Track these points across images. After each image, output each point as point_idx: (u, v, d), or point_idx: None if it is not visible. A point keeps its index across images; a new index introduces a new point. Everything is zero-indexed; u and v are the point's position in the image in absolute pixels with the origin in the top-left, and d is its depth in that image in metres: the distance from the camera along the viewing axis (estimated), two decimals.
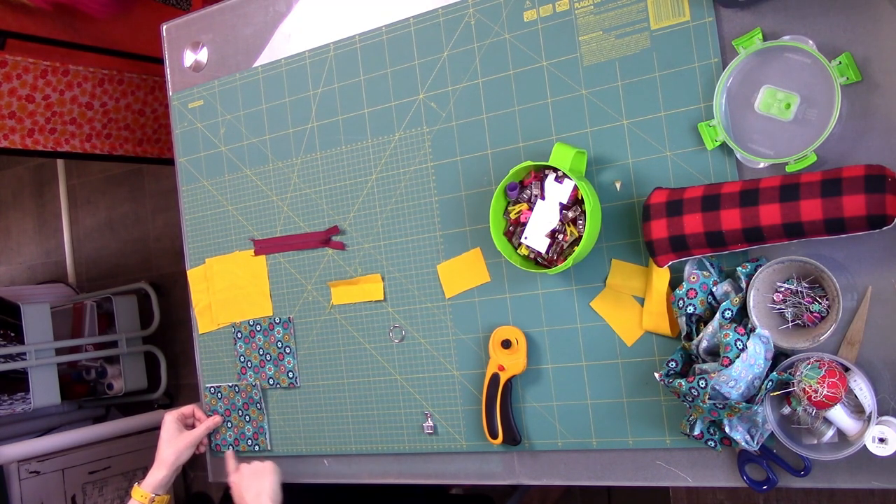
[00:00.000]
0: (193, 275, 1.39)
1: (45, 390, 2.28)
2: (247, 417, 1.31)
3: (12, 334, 2.33)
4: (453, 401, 1.15)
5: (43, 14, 1.88)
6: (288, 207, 1.29)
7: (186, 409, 1.31)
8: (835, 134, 0.88)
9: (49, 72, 1.91)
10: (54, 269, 3.18)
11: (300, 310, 1.28)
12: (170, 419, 1.26)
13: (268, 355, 1.30)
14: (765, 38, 0.92)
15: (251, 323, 1.32)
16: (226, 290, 1.35)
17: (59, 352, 2.37)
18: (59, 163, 3.18)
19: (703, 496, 1.80)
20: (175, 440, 1.24)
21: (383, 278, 1.20)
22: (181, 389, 2.77)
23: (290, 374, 1.28)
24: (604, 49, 1.03)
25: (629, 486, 1.03)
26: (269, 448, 1.29)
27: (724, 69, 0.95)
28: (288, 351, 1.28)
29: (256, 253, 1.31)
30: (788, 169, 0.90)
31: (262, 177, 1.31)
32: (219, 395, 1.34)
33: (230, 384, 1.32)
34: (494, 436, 1.08)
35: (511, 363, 1.08)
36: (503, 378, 1.08)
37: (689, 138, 0.98)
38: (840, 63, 0.87)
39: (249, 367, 1.32)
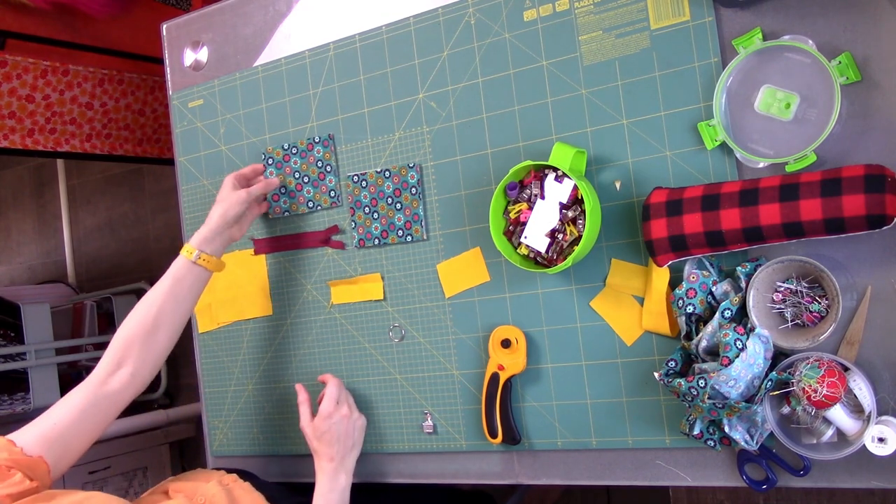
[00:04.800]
0: None
1: (45, 390, 2.28)
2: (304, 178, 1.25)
3: (12, 334, 2.33)
4: (453, 400, 1.15)
5: (43, 14, 1.88)
6: None
7: (248, 169, 1.25)
8: (834, 134, 0.88)
9: (49, 72, 1.91)
10: (54, 269, 3.18)
11: (300, 309, 1.28)
12: (227, 179, 1.20)
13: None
14: (765, 38, 0.92)
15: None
16: (226, 290, 1.35)
17: (59, 352, 2.37)
18: (59, 163, 3.18)
19: (703, 496, 1.80)
20: (226, 197, 1.18)
21: (383, 278, 1.20)
22: (181, 389, 2.77)
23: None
24: (604, 49, 1.03)
25: (629, 485, 1.03)
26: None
27: (723, 69, 0.95)
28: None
29: (256, 252, 1.31)
30: (788, 169, 0.90)
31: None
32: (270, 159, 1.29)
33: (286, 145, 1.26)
34: (494, 435, 1.08)
35: (511, 363, 1.08)
36: (503, 377, 1.08)
37: (688, 138, 0.98)
38: (840, 63, 0.87)
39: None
